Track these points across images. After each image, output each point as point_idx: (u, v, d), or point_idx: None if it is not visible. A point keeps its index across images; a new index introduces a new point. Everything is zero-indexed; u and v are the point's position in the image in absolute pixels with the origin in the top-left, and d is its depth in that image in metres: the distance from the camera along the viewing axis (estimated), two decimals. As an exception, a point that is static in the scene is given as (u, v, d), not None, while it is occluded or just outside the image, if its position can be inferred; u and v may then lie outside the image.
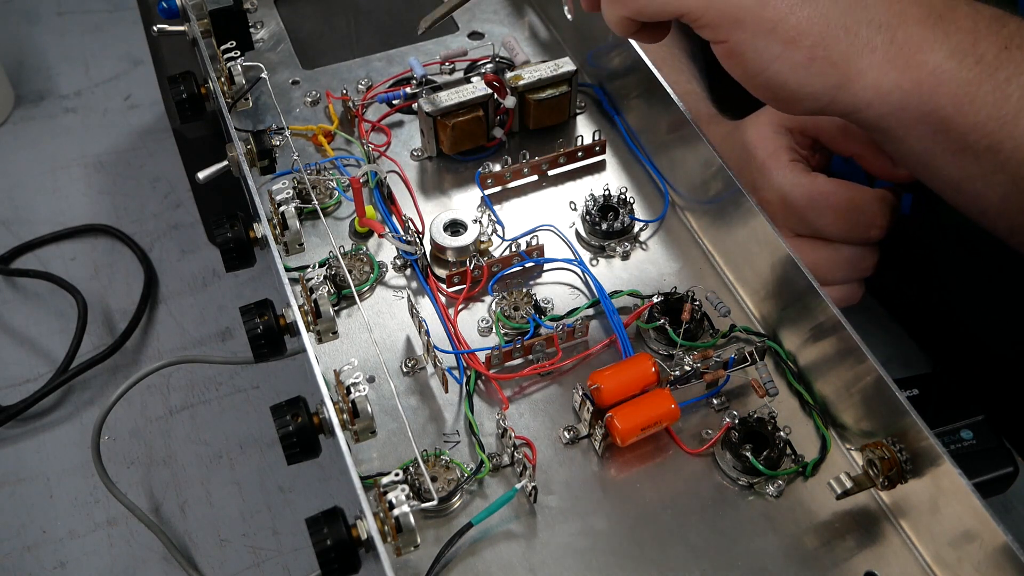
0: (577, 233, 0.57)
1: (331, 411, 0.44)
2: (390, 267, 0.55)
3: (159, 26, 0.65)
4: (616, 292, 0.53)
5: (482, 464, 0.46)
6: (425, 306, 0.53)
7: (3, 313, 0.80)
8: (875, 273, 0.60)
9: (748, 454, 0.46)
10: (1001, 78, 0.47)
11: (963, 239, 0.66)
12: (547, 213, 0.58)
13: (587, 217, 0.56)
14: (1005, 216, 0.51)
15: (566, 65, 0.60)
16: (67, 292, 0.80)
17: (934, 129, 0.48)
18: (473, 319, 0.53)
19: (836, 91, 0.48)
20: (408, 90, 0.63)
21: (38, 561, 0.66)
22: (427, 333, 0.49)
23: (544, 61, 0.60)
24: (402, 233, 0.56)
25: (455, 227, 0.55)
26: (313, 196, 0.56)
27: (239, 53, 0.61)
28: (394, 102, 0.63)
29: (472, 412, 0.49)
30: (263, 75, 0.62)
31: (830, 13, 0.47)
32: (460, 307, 0.53)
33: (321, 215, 0.56)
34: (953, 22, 0.47)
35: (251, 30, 0.67)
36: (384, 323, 0.53)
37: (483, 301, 0.54)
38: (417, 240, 0.54)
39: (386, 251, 0.56)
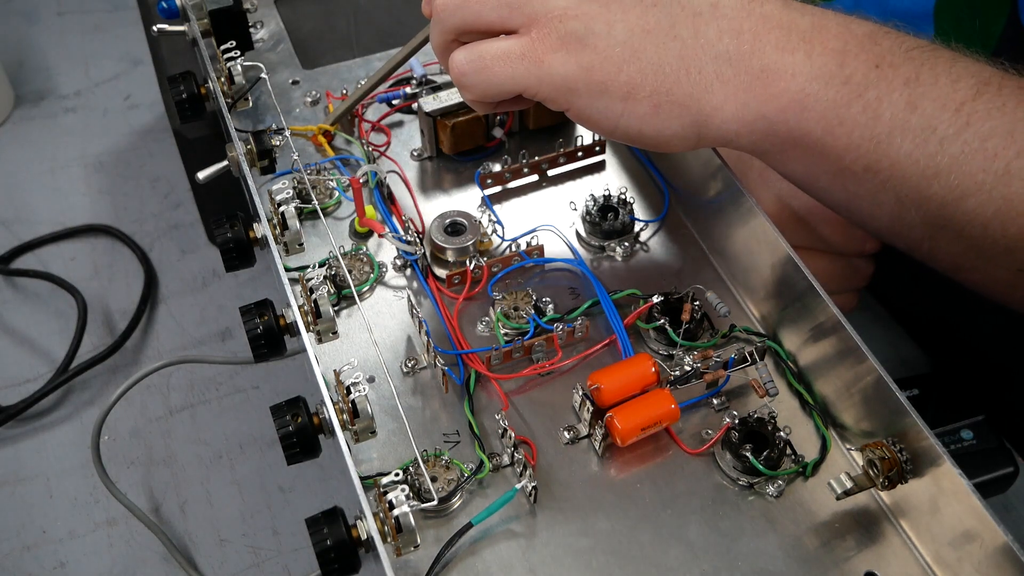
0: (577, 233, 0.57)
1: (331, 411, 0.44)
2: (390, 267, 0.55)
3: (159, 26, 0.65)
4: (616, 292, 0.53)
5: (482, 464, 0.46)
6: (425, 306, 0.53)
7: (3, 313, 0.80)
8: (874, 275, 0.60)
9: (748, 454, 0.46)
10: (871, 97, 0.45)
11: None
12: (547, 213, 0.58)
13: (587, 217, 0.56)
14: (898, 234, 0.50)
15: (566, 65, 0.60)
16: (67, 292, 0.80)
17: (808, 152, 0.47)
18: (473, 319, 0.53)
19: (698, 128, 0.47)
20: (408, 90, 0.63)
21: (38, 561, 0.66)
22: (427, 333, 0.49)
23: (544, 61, 0.60)
24: (402, 233, 0.56)
25: (455, 227, 0.55)
26: (313, 196, 0.56)
27: (239, 53, 0.61)
28: (394, 102, 0.63)
29: (472, 412, 0.49)
30: (263, 75, 0.62)
31: (662, 61, 0.46)
32: (460, 307, 0.53)
33: (321, 215, 0.56)
34: (820, 42, 0.46)
35: (251, 30, 0.67)
36: (384, 323, 0.53)
37: (483, 301, 0.54)
38: (417, 240, 0.54)
39: (386, 251, 0.56)
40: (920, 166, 0.45)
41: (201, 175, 0.57)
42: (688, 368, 0.49)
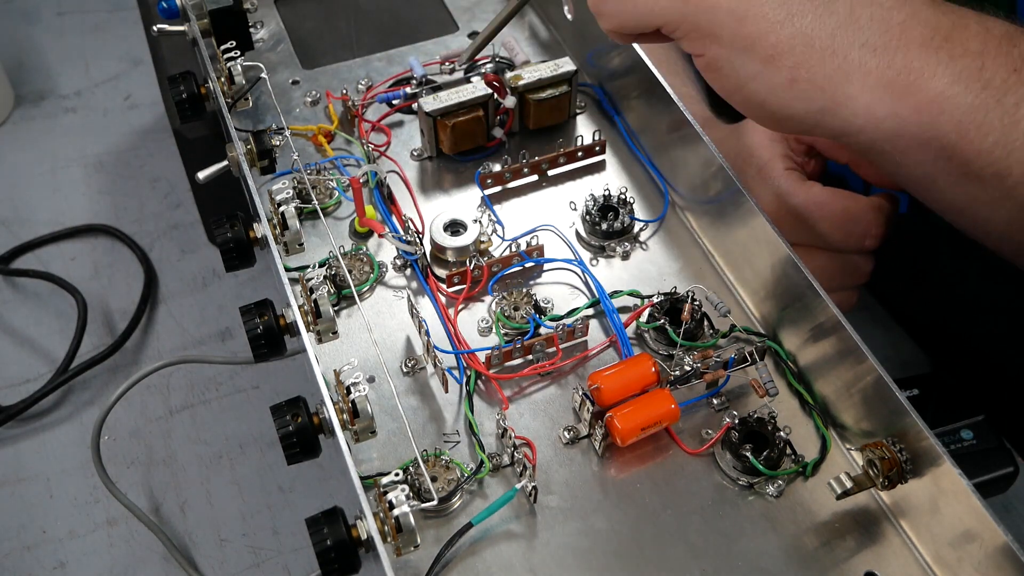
0: (577, 233, 0.57)
1: (331, 411, 0.44)
2: (390, 267, 0.55)
3: (159, 26, 0.65)
4: (616, 292, 0.53)
5: (482, 464, 0.46)
6: (425, 306, 0.53)
7: (3, 313, 0.80)
8: (873, 274, 0.60)
9: (748, 454, 0.46)
10: (1010, 103, 0.44)
11: (961, 238, 0.66)
12: (547, 213, 0.58)
13: (587, 217, 0.56)
14: (1009, 240, 0.49)
15: (566, 65, 0.60)
16: (67, 292, 0.80)
17: (936, 156, 0.46)
18: (473, 319, 0.53)
19: (821, 115, 0.46)
20: (408, 90, 0.63)
21: (38, 561, 0.66)
22: (427, 333, 0.49)
23: (544, 61, 0.60)
24: (402, 233, 0.56)
25: (455, 227, 0.55)
26: (313, 196, 0.56)
27: (239, 53, 0.61)
28: (394, 102, 0.63)
29: (472, 412, 0.49)
30: (263, 75, 0.62)
31: (816, 33, 0.44)
32: (460, 307, 0.53)
33: (321, 215, 0.56)
34: (961, 43, 0.45)
35: (251, 30, 0.67)
36: (384, 323, 0.53)
37: (483, 301, 0.54)
38: (417, 240, 0.54)
39: (386, 251, 0.56)
40: None
41: (201, 175, 0.57)
42: (688, 368, 0.49)
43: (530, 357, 0.51)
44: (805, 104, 0.45)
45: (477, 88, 0.58)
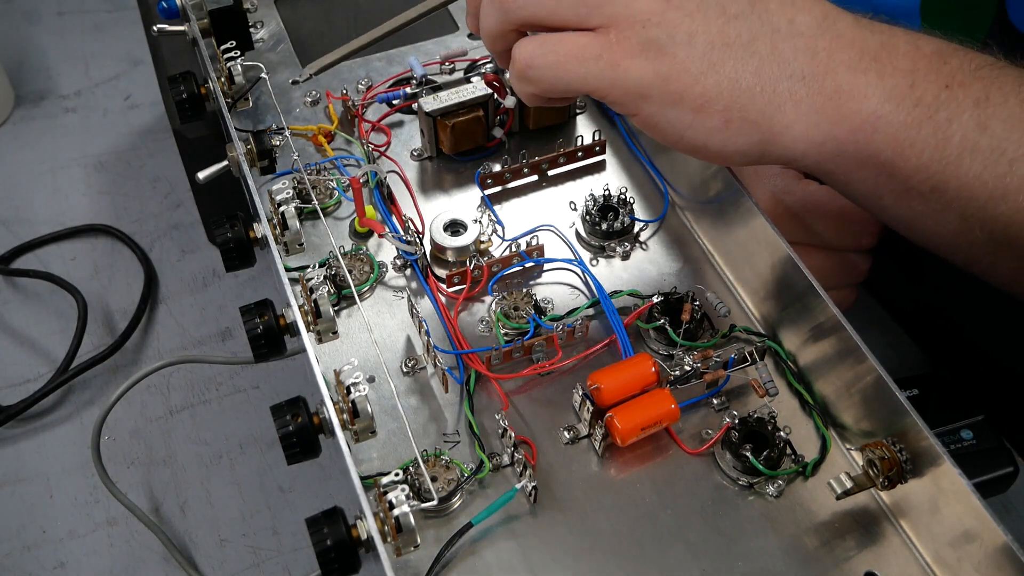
0: (577, 233, 0.57)
1: (331, 411, 0.44)
2: (390, 267, 0.55)
3: (159, 26, 0.65)
4: (616, 292, 0.53)
5: (482, 464, 0.46)
6: (425, 306, 0.53)
7: (3, 313, 0.80)
8: (872, 274, 0.60)
9: (748, 454, 0.46)
10: (942, 119, 0.45)
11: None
12: (547, 213, 0.58)
13: (587, 217, 0.56)
14: (959, 251, 0.50)
15: (566, 65, 0.60)
16: (67, 292, 0.80)
17: (877, 173, 0.47)
18: (473, 319, 0.53)
19: (763, 146, 0.46)
20: (408, 90, 0.63)
21: (38, 561, 0.66)
22: (427, 333, 0.49)
23: (544, 61, 0.60)
24: (402, 233, 0.56)
25: (455, 227, 0.55)
26: (313, 196, 0.56)
27: (239, 53, 0.61)
28: (394, 102, 0.63)
29: (472, 412, 0.49)
30: (263, 75, 0.62)
31: (740, 75, 0.45)
32: (460, 307, 0.53)
33: (321, 215, 0.56)
34: (890, 62, 0.46)
35: (251, 30, 0.67)
36: (384, 323, 0.53)
37: (483, 301, 0.54)
38: (417, 240, 0.54)
39: (386, 251, 0.56)
40: (988, 187, 0.45)
41: (201, 175, 0.57)
42: (688, 368, 0.49)
43: (530, 357, 0.51)
44: (745, 139, 0.46)
45: (477, 88, 0.58)
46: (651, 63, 0.45)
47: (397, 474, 0.43)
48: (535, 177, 0.60)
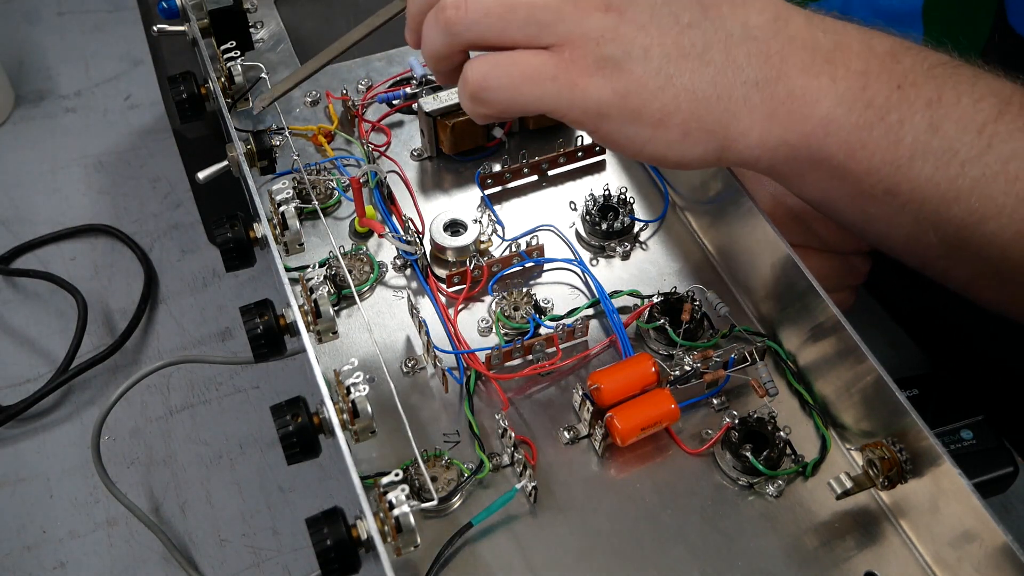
0: (577, 233, 0.57)
1: (331, 411, 0.44)
2: (390, 267, 0.55)
3: (159, 26, 0.65)
4: (616, 292, 0.53)
5: (482, 464, 0.46)
6: (425, 306, 0.53)
7: (3, 313, 0.80)
8: (873, 275, 0.60)
9: (748, 454, 0.46)
10: (893, 120, 0.45)
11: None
12: (547, 213, 0.58)
13: (587, 217, 0.56)
14: (913, 254, 0.50)
15: (566, 65, 0.60)
16: (67, 292, 0.80)
17: (829, 176, 0.47)
18: (473, 319, 0.53)
19: (720, 152, 0.46)
20: (408, 90, 0.63)
21: (38, 561, 0.66)
22: (427, 333, 0.49)
23: (544, 61, 0.60)
24: (402, 233, 0.56)
25: (455, 227, 0.55)
26: (313, 196, 0.56)
27: (239, 53, 0.61)
28: (394, 102, 0.63)
29: (472, 412, 0.49)
30: (263, 75, 0.62)
31: (696, 86, 0.44)
32: (460, 307, 0.53)
33: (321, 215, 0.56)
34: (843, 64, 0.45)
35: (251, 30, 0.67)
36: (384, 323, 0.53)
37: (483, 301, 0.54)
38: (417, 240, 0.54)
39: (386, 251, 0.56)
40: (941, 189, 0.45)
41: (201, 175, 0.57)
42: (688, 368, 0.49)
43: (530, 357, 0.51)
44: (702, 148, 0.46)
45: (477, 88, 0.58)
46: (608, 81, 0.44)
47: (397, 474, 0.43)
48: (535, 177, 0.60)
